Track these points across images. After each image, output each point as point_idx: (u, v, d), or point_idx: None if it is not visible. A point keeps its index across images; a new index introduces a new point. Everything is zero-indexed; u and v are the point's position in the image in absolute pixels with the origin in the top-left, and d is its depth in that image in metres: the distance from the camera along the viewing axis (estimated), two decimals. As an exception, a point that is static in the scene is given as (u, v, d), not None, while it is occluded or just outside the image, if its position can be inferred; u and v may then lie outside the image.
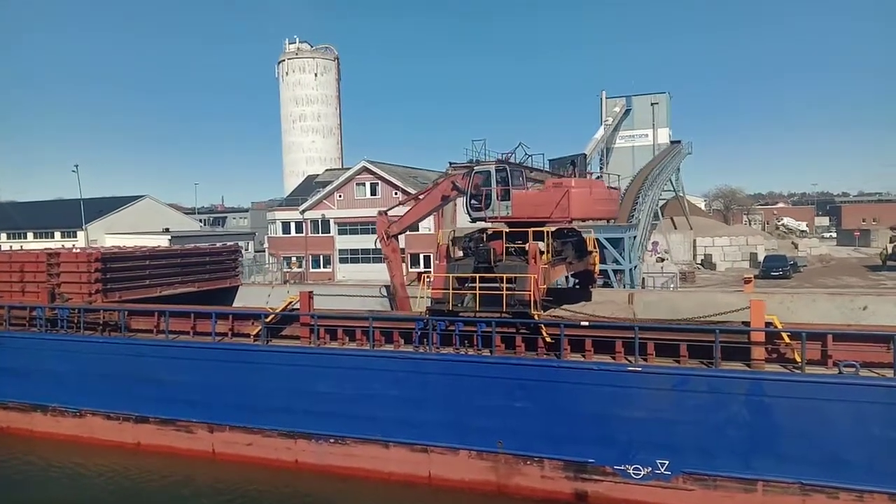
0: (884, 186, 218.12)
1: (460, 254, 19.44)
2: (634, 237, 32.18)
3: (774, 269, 50.64)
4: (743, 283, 22.84)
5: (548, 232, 18.15)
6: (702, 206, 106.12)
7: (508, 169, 18.98)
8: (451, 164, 37.91)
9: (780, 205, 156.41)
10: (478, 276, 17.44)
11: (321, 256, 56.92)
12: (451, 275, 17.74)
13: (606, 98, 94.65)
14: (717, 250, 62.48)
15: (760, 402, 14.69)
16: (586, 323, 16.55)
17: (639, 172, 68.24)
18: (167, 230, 78.32)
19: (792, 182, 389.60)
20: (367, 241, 54.38)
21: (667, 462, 15.34)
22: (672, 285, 36.68)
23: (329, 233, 56.80)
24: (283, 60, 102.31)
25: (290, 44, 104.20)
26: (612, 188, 21.99)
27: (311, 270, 55.36)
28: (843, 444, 14.07)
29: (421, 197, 23.48)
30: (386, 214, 23.51)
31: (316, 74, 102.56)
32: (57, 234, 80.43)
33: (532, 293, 16.80)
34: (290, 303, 20.00)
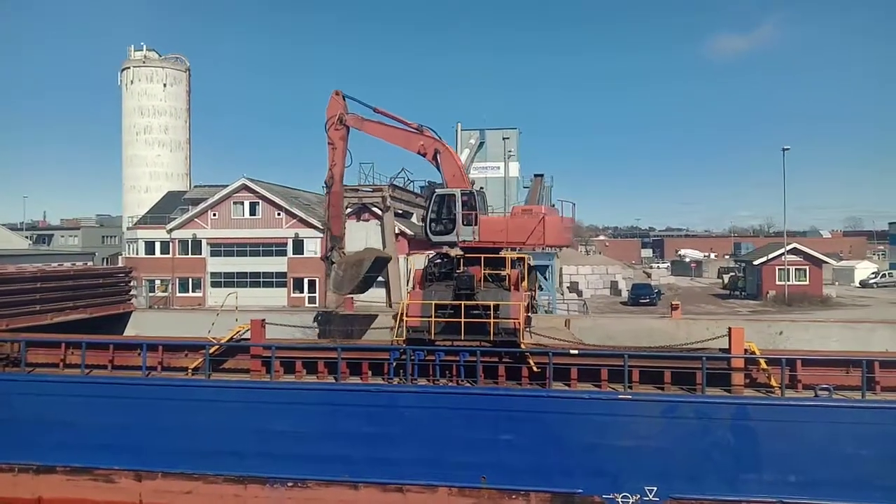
0: (682, 223, 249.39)
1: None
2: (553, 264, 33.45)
3: (642, 297, 54.11)
4: (671, 310, 24.05)
5: (526, 258, 17.95)
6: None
7: (475, 194, 18.57)
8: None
9: (601, 237, 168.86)
10: (462, 304, 16.76)
11: (190, 279, 52.54)
12: (432, 301, 16.91)
13: (462, 130, 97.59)
14: (582, 278, 65.93)
15: (745, 427, 15.35)
16: (575, 351, 16.44)
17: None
18: (-13, 247, 68.82)
19: (607, 216, 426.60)
20: (244, 264, 51.26)
21: (655, 488, 15.50)
22: (589, 311, 38.19)
23: (200, 254, 52.64)
24: (128, 68, 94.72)
25: (135, 51, 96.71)
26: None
27: (178, 295, 50.82)
28: (819, 463, 15.02)
29: (400, 125, 20.71)
30: (343, 98, 20.91)
31: (165, 85, 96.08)
32: None
33: (519, 321, 16.45)
34: (239, 332, 18.06)
